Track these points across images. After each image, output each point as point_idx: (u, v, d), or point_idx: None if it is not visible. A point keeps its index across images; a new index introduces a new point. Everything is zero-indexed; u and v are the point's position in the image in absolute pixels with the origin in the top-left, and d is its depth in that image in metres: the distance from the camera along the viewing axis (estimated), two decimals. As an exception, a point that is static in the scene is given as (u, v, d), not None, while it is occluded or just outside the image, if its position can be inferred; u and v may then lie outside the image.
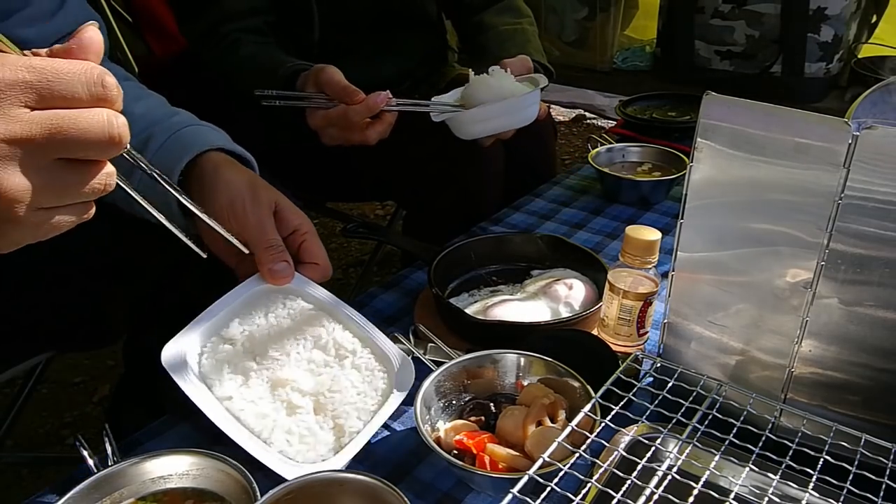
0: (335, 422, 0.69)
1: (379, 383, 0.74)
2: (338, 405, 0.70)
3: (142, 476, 0.63)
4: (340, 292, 0.81)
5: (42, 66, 0.38)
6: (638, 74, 2.47)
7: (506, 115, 1.05)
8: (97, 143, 0.40)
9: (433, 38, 1.44)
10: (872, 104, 0.78)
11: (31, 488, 1.39)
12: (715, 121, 0.63)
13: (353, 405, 0.71)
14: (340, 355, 0.74)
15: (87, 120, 0.39)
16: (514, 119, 1.07)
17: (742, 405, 0.64)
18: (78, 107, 0.39)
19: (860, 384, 0.63)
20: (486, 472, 0.64)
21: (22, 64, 0.37)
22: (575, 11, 2.52)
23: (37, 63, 0.38)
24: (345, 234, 1.08)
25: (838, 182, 0.57)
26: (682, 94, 1.64)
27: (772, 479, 0.57)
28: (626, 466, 0.57)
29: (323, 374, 0.72)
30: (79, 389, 1.66)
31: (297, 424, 0.68)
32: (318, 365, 0.72)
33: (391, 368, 0.75)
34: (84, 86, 0.39)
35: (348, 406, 0.70)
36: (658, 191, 1.27)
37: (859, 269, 0.59)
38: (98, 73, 0.39)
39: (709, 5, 2.09)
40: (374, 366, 0.75)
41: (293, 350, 0.72)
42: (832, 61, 2.03)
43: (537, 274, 1.01)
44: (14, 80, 0.37)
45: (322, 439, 0.68)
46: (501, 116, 1.05)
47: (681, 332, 0.72)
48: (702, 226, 0.67)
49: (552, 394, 0.70)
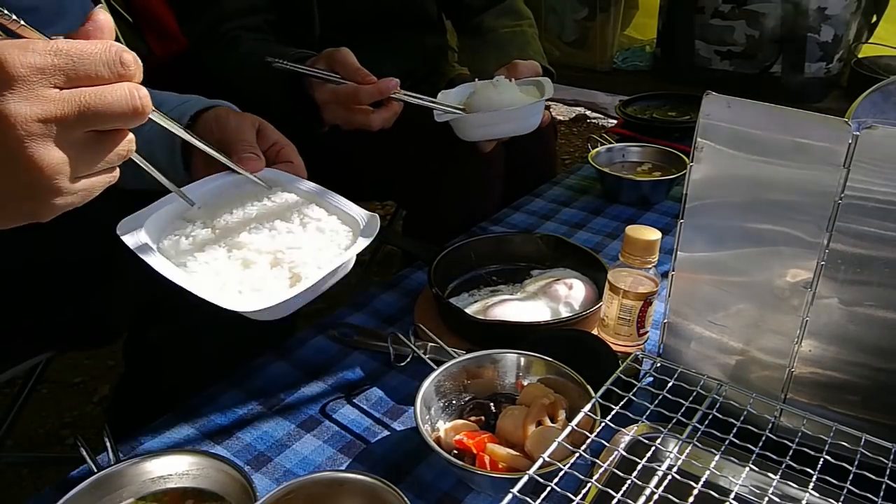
0: (292, 272, 0.65)
1: (343, 240, 0.69)
2: (296, 258, 0.65)
3: (142, 476, 0.63)
4: (340, 292, 0.81)
5: (67, 50, 0.41)
6: (638, 74, 2.47)
7: (508, 123, 1.07)
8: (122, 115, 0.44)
9: (433, 37, 1.44)
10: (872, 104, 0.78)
11: (31, 488, 1.39)
12: (715, 121, 0.63)
13: (313, 258, 0.66)
14: (304, 222, 0.70)
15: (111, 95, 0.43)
16: (516, 126, 1.09)
17: (742, 405, 0.64)
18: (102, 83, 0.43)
19: (860, 384, 0.63)
20: (486, 472, 0.64)
21: (49, 49, 0.41)
22: (575, 11, 2.52)
23: (62, 46, 0.41)
24: (345, 233, 1.08)
25: (838, 182, 0.57)
26: (682, 94, 1.64)
27: (772, 479, 0.57)
28: (626, 466, 0.57)
29: (283, 236, 0.68)
30: (79, 389, 1.66)
31: (250, 276, 0.64)
32: (279, 231, 0.68)
33: (357, 227, 0.70)
34: (106, 65, 0.42)
35: (308, 259, 0.66)
36: (658, 191, 1.27)
37: (859, 269, 0.59)
38: (116, 51, 0.43)
39: (709, 5, 2.09)
40: (339, 227, 0.70)
41: (255, 222, 0.69)
42: (832, 61, 2.03)
43: (537, 274, 1.01)
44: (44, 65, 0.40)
45: (276, 287, 0.64)
46: (503, 123, 1.07)
47: (681, 332, 0.72)
48: (702, 226, 0.67)
49: (552, 394, 0.70)
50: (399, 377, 0.84)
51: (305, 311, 0.70)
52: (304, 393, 0.81)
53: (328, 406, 0.79)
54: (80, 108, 0.42)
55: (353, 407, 0.79)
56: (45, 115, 0.41)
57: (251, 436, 0.75)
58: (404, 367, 0.83)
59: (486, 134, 1.09)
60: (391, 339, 0.84)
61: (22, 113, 0.40)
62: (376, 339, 0.88)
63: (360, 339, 0.89)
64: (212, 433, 0.75)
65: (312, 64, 1.00)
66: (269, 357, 0.87)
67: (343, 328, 0.90)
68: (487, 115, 1.04)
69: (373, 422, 0.77)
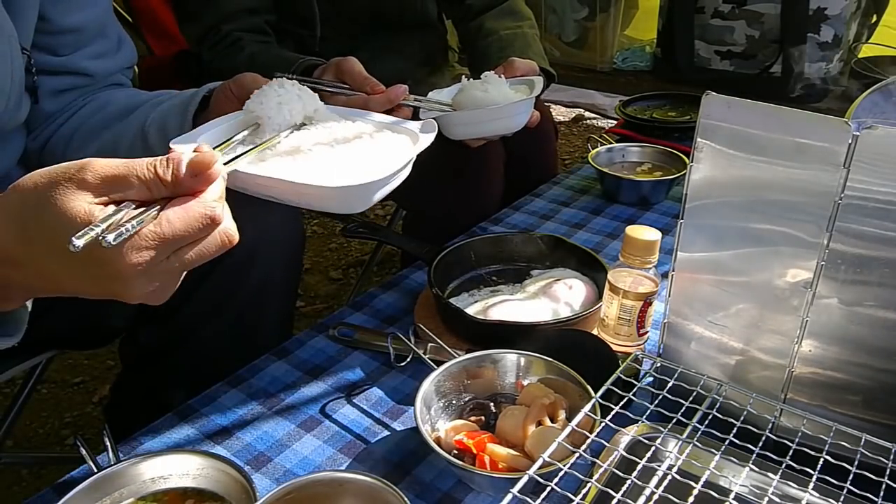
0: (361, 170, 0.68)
1: (401, 140, 0.74)
2: (354, 149, 0.70)
3: (142, 476, 0.63)
4: (340, 292, 0.81)
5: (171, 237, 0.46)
6: (638, 74, 2.48)
7: (491, 122, 1.05)
8: (215, 255, 0.51)
9: (434, 38, 1.44)
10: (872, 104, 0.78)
11: (31, 488, 1.39)
12: (715, 121, 0.63)
13: (370, 151, 0.71)
14: (362, 137, 0.73)
15: (207, 248, 0.49)
16: (499, 125, 1.07)
17: (742, 405, 0.64)
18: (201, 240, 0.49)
19: (860, 384, 0.63)
20: (486, 472, 0.64)
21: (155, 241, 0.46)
22: (575, 11, 2.52)
23: (167, 233, 0.46)
24: (345, 234, 1.08)
25: (838, 182, 0.57)
26: (682, 94, 1.64)
27: (772, 479, 0.57)
28: (626, 466, 0.57)
29: (343, 146, 0.71)
30: (79, 389, 1.66)
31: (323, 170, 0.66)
32: (339, 143, 0.71)
33: (414, 134, 0.75)
34: (202, 231, 0.48)
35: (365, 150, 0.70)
36: (658, 191, 1.27)
37: (859, 269, 0.59)
38: (211, 217, 0.48)
39: (709, 5, 2.09)
40: (395, 137, 0.75)
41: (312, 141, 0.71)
42: (832, 61, 2.03)
43: (537, 274, 1.01)
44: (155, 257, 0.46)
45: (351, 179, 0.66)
46: (486, 122, 1.05)
47: (681, 332, 0.72)
48: (702, 226, 0.67)
49: (552, 394, 0.70)
50: (399, 377, 0.84)
51: (305, 310, 0.70)
52: (304, 393, 0.81)
53: (328, 406, 0.79)
54: (184, 268, 0.49)
55: (353, 407, 0.79)
56: (160, 283, 0.49)
57: (251, 436, 0.75)
58: (404, 367, 0.83)
59: (470, 132, 1.08)
60: (391, 339, 0.84)
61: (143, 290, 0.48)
62: (376, 339, 0.88)
63: (360, 339, 0.89)
64: (212, 433, 0.75)
65: (320, 75, 1.00)
66: (269, 357, 0.87)
67: (343, 328, 0.90)
68: (470, 113, 1.03)
69: (373, 422, 0.77)
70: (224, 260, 0.82)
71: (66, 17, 0.78)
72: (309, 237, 2.30)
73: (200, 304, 0.84)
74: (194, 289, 0.82)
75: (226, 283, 0.83)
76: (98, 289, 0.49)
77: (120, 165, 0.46)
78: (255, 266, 0.84)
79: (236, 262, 0.83)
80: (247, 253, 0.83)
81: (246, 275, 0.84)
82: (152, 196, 0.47)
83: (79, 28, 0.80)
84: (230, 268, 0.83)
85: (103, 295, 0.50)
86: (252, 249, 0.84)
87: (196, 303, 0.83)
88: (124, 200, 0.47)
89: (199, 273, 0.82)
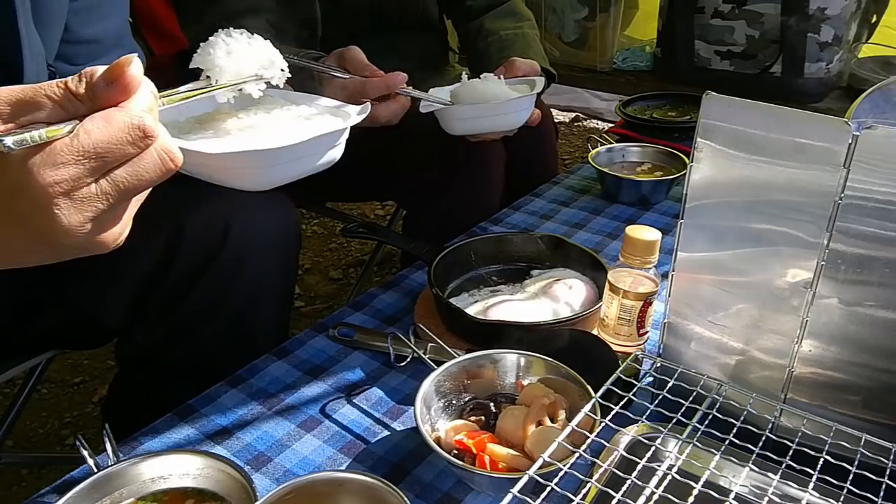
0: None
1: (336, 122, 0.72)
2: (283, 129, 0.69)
3: (142, 476, 0.63)
4: (340, 292, 0.82)
5: (93, 148, 0.41)
6: (638, 74, 2.47)
7: (492, 117, 1.05)
8: (158, 180, 0.45)
9: (435, 39, 1.44)
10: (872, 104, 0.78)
11: (31, 488, 1.39)
12: (715, 121, 0.63)
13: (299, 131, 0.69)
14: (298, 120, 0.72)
15: (145, 170, 0.44)
16: (500, 121, 1.07)
17: (742, 405, 0.64)
18: (133, 158, 0.43)
19: (860, 384, 0.63)
20: (486, 472, 0.64)
21: (75, 154, 0.41)
22: (575, 11, 2.52)
23: (86, 146, 0.41)
24: (345, 234, 1.08)
25: (838, 182, 0.57)
26: (682, 94, 1.64)
27: (772, 479, 0.57)
28: (626, 466, 0.57)
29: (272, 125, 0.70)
30: (79, 389, 1.66)
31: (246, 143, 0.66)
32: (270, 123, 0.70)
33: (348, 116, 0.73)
34: (132, 145, 0.42)
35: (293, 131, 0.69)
36: (658, 191, 1.27)
37: (859, 269, 0.59)
38: (138, 126, 0.42)
39: (709, 5, 2.09)
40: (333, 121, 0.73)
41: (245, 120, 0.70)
42: (832, 61, 2.03)
43: (537, 274, 1.01)
44: (76, 175, 0.41)
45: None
46: (486, 117, 1.05)
47: (681, 332, 0.72)
48: (702, 226, 0.67)
49: (552, 394, 0.70)
50: (399, 377, 0.84)
51: (305, 310, 0.70)
52: (304, 393, 0.81)
53: (328, 406, 0.79)
54: (120, 194, 0.43)
55: (353, 407, 0.79)
56: (93, 214, 0.42)
57: (251, 436, 0.75)
58: (404, 367, 0.83)
59: (469, 128, 1.08)
60: (391, 339, 0.84)
61: (74, 222, 0.42)
62: (376, 339, 0.88)
63: (360, 339, 0.89)
64: (212, 433, 0.75)
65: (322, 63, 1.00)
66: (269, 357, 0.87)
67: (343, 328, 0.90)
68: (471, 107, 1.03)
69: (373, 422, 0.77)
70: (219, 258, 0.83)
71: (86, 28, 0.78)
72: (309, 237, 2.30)
73: (196, 303, 0.84)
74: (189, 287, 0.82)
75: (221, 281, 0.83)
76: (21, 229, 0.43)
77: (27, 88, 0.41)
78: (251, 264, 0.84)
79: (231, 260, 0.83)
80: (242, 251, 0.83)
81: (241, 273, 0.84)
82: (69, 116, 0.42)
83: (98, 39, 0.80)
84: (225, 266, 0.83)
85: (34, 241, 0.44)
86: (247, 247, 0.83)
87: (191, 301, 0.83)
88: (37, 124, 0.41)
89: (193, 271, 0.82)
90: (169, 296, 0.83)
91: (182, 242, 0.81)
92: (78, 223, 0.42)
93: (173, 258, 0.81)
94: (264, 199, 0.88)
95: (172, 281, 0.83)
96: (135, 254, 0.83)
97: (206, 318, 0.85)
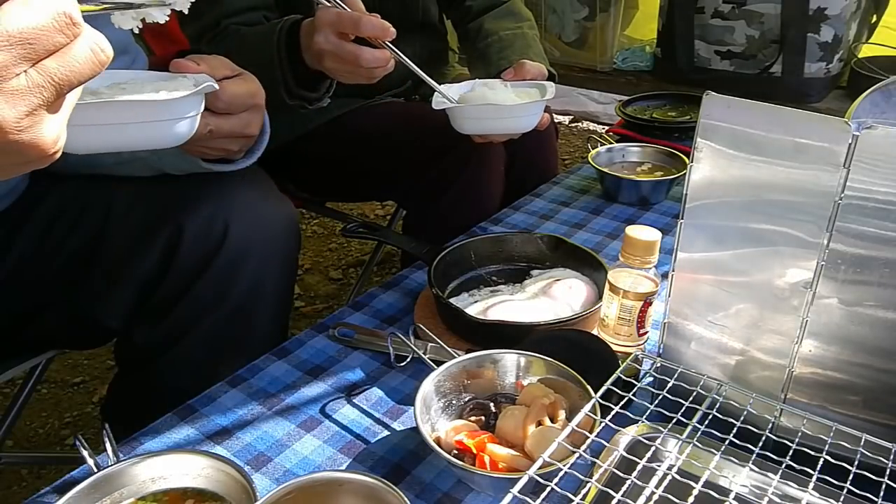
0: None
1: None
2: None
3: (142, 476, 0.63)
4: (340, 292, 0.81)
5: (20, 35, 0.38)
6: (638, 74, 2.47)
7: (503, 119, 1.06)
8: (91, 73, 0.42)
9: (434, 39, 1.44)
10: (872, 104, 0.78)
11: (31, 488, 1.39)
12: (715, 121, 0.63)
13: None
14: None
15: (77, 62, 0.41)
16: (510, 124, 1.08)
17: (742, 405, 0.64)
18: (63, 48, 0.41)
19: (860, 384, 0.63)
20: (486, 472, 0.64)
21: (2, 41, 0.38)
22: (575, 12, 2.51)
23: (13, 33, 0.38)
24: (345, 234, 1.08)
25: (838, 182, 0.57)
26: (682, 94, 1.64)
27: (772, 479, 0.57)
28: (626, 466, 0.57)
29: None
30: (79, 389, 1.66)
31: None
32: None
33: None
34: (60, 32, 0.40)
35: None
36: (658, 191, 1.27)
37: (859, 269, 0.59)
38: (64, 13, 0.40)
39: (709, 5, 2.09)
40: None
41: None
42: (832, 61, 2.03)
43: (537, 274, 1.01)
44: (2, 62, 0.38)
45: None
46: (498, 119, 1.06)
47: (681, 332, 0.72)
48: (702, 226, 0.67)
49: (552, 394, 0.70)
50: (399, 377, 0.84)
51: (305, 310, 0.70)
52: (304, 393, 0.81)
53: (328, 406, 0.79)
54: (55, 87, 0.41)
55: (353, 407, 0.79)
56: (27, 109, 0.40)
57: (251, 436, 0.75)
58: (404, 367, 0.83)
59: (480, 128, 1.08)
60: (391, 339, 0.84)
61: (9, 117, 0.39)
62: (376, 339, 0.88)
63: (360, 339, 0.89)
64: (212, 433, 0.75)
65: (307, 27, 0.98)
66: (269, 357, 0.87)
67: (343, 328, 0.90)
68: (483, 107, 1.04)
69: (373, 422, 0.77)
70: (219, 258, 0.83)
71: None
72: (309, 237, 2.31)
73: (194, 302, 0.84)
74: (189, 287, 0.82)
75: (221, 281, 0.83)
76: None
77: None
78: (250, 264, 0.84)
79: (231, 260, 0.83)
80: (241, 251, 0.83)
81: (241, 273, 0.84)
82: None
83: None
84: (225, 266, 0.82)
85: None
86: (246, 247, 0.83)
87: (190, 301, 0.83)
88: None
89: (193, 271, 0.82)
90: (169, 296, 0.83)
91: (182, 242, 0.81)
92: (14, 119, 0.39)
93: (173, 258, 0.81)
94: (264, 199, 0.88)
95: (172, 281, 0.83)
96: (135, 254, 0.83)
97: (206, 318, 0.85)
